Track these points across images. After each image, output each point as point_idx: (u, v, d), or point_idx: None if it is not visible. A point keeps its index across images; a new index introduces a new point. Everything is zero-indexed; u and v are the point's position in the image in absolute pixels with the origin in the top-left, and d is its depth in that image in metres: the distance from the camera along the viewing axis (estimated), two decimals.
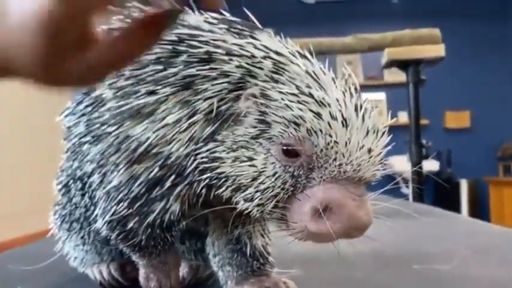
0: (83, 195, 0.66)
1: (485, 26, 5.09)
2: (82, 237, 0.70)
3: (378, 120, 0.47)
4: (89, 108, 0.59)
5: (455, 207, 4.44)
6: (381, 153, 0.47)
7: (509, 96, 5.12)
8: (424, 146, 2.07)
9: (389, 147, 0.48)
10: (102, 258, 0.73)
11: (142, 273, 0.60)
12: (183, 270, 0.69)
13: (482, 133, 5.09)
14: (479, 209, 4.95)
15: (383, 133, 0.47)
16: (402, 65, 2.04)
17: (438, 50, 1.97)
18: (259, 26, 0.53)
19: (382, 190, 0.51)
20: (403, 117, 4.39)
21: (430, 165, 4.33)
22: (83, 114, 0.60)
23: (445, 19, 4.44)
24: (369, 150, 0.45)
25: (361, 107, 0.46)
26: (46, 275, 0.79)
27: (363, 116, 0.46)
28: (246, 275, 0.62)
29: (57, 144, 0.69)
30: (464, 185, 4.76)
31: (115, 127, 0.53)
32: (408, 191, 3.19)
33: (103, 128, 0.55)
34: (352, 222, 0.44)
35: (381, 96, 4.80)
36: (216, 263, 0.65)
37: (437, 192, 4.56)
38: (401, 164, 3.39)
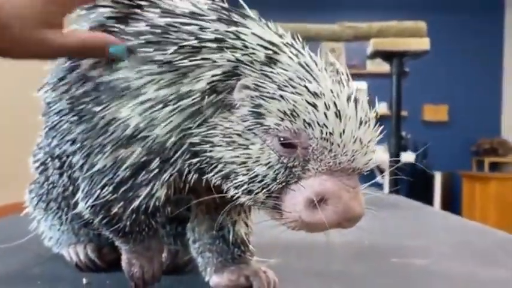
0: (61, 174, 0.64)
1: (467, 22, 5.14)
2: (59, 217, 0.68)
3: (369, 110, 0.47)
4: (74, 87, 0.56)
5: (428, 199, 4.52)
6: (372, 143, 0.47)
7: (487, 92, 5.20)
8: (403, 138, 2.09)
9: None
10: (79, 239, 0.71)
11: (125, 258, 0.59)
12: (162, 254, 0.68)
13: (459, 127, 5.18)
14: (452, 202, 5.06)
15: (374, 123, 0.47)
16: (387, 56, 2.05)
17: (423, 44, 1.99)
18: (248, 11, 0.52)
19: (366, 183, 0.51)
20: (383, 108, 4.43)
21: (406, 157, 4.39)
22: (66, 91, 0.58)
23: (428, 13, 4.45)
24: (362, 141, 0.45)
25: (353, 98, 0.46)
26: (19, 254, 0.77)
27: (355, 106, 0.45)
28: (226, 262, 0.62)
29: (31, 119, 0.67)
30: (438, 178, 4.84)
31: (100, 107, 0.52)
32: (383, 181, 3.23)
33: (88, 107, 0.53)
34: (347, 213, 0.44)
35: (362, 85, 4.82)
36: (196, 249, 0.64)
37: (412, 183, 4.63)
38: (379, 154, 3.42)
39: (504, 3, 5.19)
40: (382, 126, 0.49)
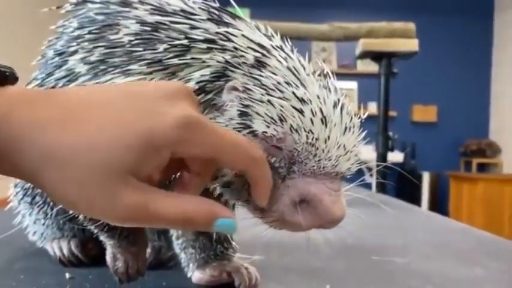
0: None
1: (457, 24, 5.17)
2: (44, 211, 0.69)
3: (354, 115, 0.48)
4: (60, 82, 0.57)
5: (415, 198, 4.56)
6: (356, 149, 0.48)
7: (476, 94, 5.25)
8: (391, 138, 2.11)
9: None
10: (63, 234, 0.72)
11: (109, 253, 0.60)
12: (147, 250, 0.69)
13: (448, 128, 5.22)
14: (439, 202, 5.10)
15: (359, 129, 0.48)
16: (376, 56, 2.07)
17: (412, 45, 2.01)
18: (239, 11, 0.53)
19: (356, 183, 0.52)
20: (373, 108, 4.46)
21: (395, 157, 4.42)
22: (53, 87, 0.58)
23: (418, 14, 4.49)
24: (346, 147, 0.46)
25: (339, 104, 0.47)
26: (2, 248, 0.78)
27: (341, 112, 0.46)
28: (208, 259, 0.63)
29: None
30: (426, 178, 4.88)
31: None
32: (371, 180, 3.26)
33: None
34: (327, 216, 0.45)
35: (353, 85, 4.85)
36: (179, 245, 0.65)
37: (400, 183, 4.67)
38: (367, 153, 3.44)
39: (493, 6, 5.24)
40: (370, 126, 0.50)
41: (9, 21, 3.41)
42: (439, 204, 5.04)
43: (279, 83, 0.46)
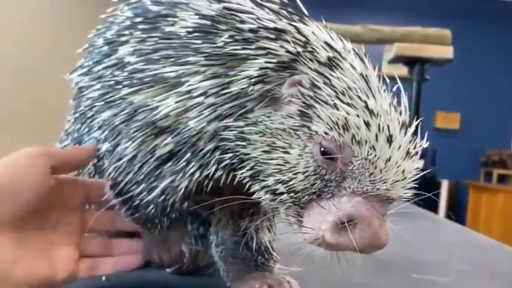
0: None
1: (486, 32, 5.09)
2: None
3: (417, 143, 0.45)
4: (109, 70, 0.53)
5: (433, 206, 4.49)
6: (413, 178, 0.44)
7: (500, 102, 5.16)
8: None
9: None
10: None
11: (145, 243, 0.58)
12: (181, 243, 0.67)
13: (470, 136, 5.15)
14: (457, 211, 5.03)
15: (420, 157, 0.45)
16: (409, 61, 2.02)
17: (447, 52, 1.95)
18: (307, 13, 0.50)
19: None
20: None
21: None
22: (100, 76, 0.55)
23: (447, 20, 4.41)
24: (404, 173, 0.43)
25: (406, 126, 0.43)
26: None
27: (406, 135, 0.43)
28: (249, 269, 0.60)
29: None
30: (445, 185, 4.81)
31: (130, 90, 0.48)
32: None
33: (120, 93, 0.50)
34: (373, 241, 0.42)
35: None
36: (218, 253, 0.63)
37: (418, 189, 4.62)
38: None
39: None
40: None
41: (56, 11, 3.40)
42: (456, 213, 4.96)
43: (349, 88, 0.42)
